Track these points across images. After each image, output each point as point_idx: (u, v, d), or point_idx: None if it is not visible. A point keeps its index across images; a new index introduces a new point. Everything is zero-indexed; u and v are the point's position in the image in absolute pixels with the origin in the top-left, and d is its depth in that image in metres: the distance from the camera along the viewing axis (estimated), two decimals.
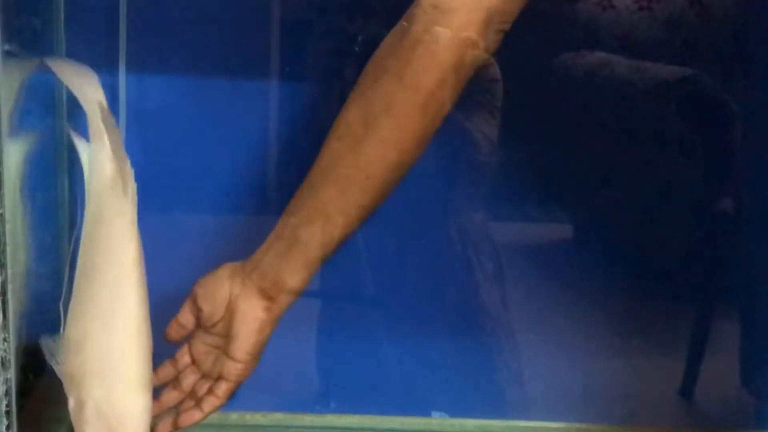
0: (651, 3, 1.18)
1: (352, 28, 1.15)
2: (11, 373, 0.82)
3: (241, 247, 1.15)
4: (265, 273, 0.85)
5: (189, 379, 0.94)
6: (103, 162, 0.80)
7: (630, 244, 1.24)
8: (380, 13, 1.14)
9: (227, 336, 0.88)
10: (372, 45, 1.07)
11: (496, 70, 1.12)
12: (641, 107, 1.20)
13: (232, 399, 1.22)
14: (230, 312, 0.86)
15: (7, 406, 0.82)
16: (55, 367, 0.83)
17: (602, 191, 1.22)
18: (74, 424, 0.81)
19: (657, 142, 1.20)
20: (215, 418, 1.20)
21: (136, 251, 0.78)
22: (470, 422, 1.21)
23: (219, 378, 0.90)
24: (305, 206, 0.87)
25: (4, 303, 0.79)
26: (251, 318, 0.85)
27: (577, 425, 1.21)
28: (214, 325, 0.90)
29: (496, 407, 1.23)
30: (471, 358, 1.22)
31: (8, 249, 0.78)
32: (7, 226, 0.77)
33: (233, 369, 0.85)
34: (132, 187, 0.78)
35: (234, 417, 1.21)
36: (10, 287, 0.79)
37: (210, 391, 0.89)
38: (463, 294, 1.22)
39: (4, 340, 0.81)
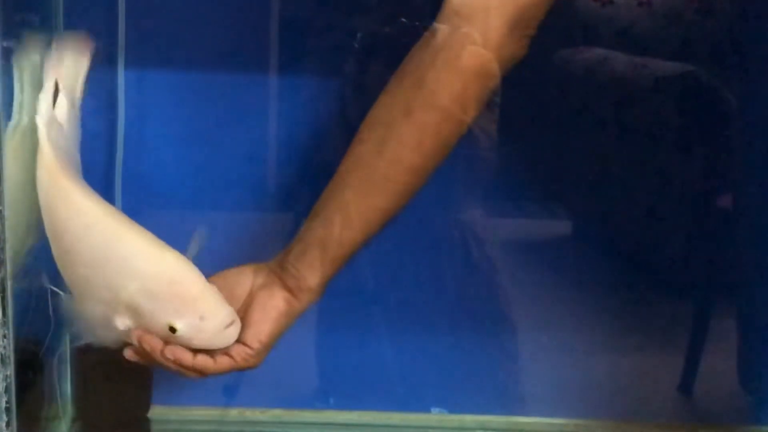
0: None
1: (351, 24, 1.15)
2: (11, 370, 0.82)
3: (241, 244, 1.15)
4: (288, 270, 0.86)
5: None
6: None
7: (629, 240, 1.24)
8: (380, 11, 1.14)
9: (243, 326, 0.87)
10: (372, 42, 1.07)
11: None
12: (640, 103, 1.20)
13: (232, 395, 1.22)
14: (249, 303, 0.86)
15: (6, 402, 0.82)
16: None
17: (601, 187, 1.22)
18: (145, 333, 0.80)
19: (656, 138, 1.20)
20: (215, 414, 1.21)
21: (53, 163, 0.79)
22: (469, 418, 1.22)
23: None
24: (327, 207, 0.87)
25: (4, 300, 0.79)
26: (270, 306, 0.85)
27: (576, 421, 1.22)
28: None
29: (496, 403, 1.23)
30: (470, 355, 1.22)
31: (8, 246, 0.78)
32: (7, 223, 0.77)
33: (241, 351, 0.83)
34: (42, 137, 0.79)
35: (234, 413, 1.21)
36: (9, 284, 0.79)
37: (210, 356, 0.87)
38: (463, 290, 1.22)
39: (4, 336, 0.81)
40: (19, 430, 0.84)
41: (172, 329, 0.78)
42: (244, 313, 0.85)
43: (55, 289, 0.84)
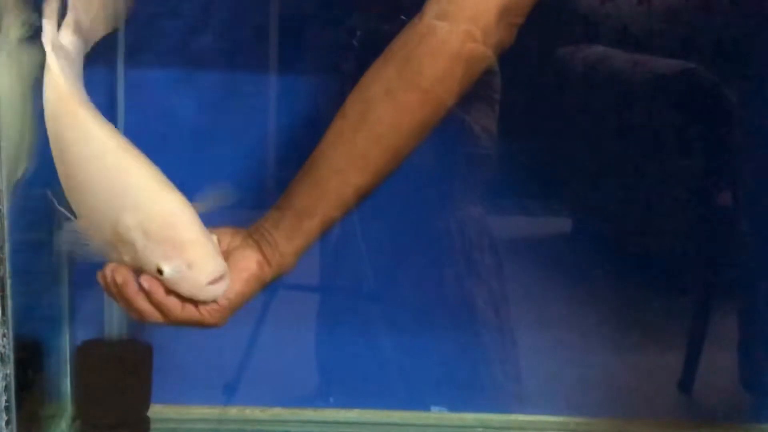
0: None
1: (350, 22, 1.15)
2: (10, 369, 0.82)
3: None
4: (263, 236, 0.86)
5: None
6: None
7: (629, 238, 1.24)
8: (379, 7, 1.14)
9: None
10: (371, 39, 1.07)
11: (494, 63, 1.12)
12: (640, 101, 1.20)
13: (232, 393, 1.22)
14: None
15: (6, 401, 0.82)
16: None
17: (601, 185, 1.22)
18: (133, 268, 0.79)
19: (656, 136, 1.20)
20: (215, 413, 1.21)
21: (70, 93, 0.78)
22: (469, 416, 1.22)
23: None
24: (304, 180, 0.87)
25: (3, 299, 0.79)
26: (242, 267, 0.85)
27: (576, 419, 1.22)
28: None
29: (495, 401, 1.23)
30: (470, 353, 1.22)
31: (7, 246, 0.78)
32: (5, 221, 0.77)
33: (209, 308, 0.83)
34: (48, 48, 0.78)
35: (233, 412, 1.21)
36: (9, 283, 0.79)
37: (180, 301, 0.86)
38: (462, 288, 1.22)
39: (3, 335, 0.81)
40: (19, 429, 0.84)
41: (159, 271, 0.77)
42: None
43: (62, 209, 0.83)
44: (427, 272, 1.21)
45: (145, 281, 0.79)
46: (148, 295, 0.79)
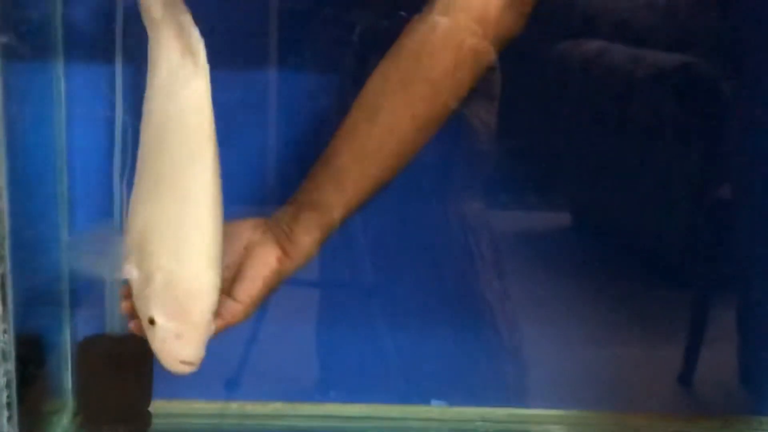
0: None
1: (350, 18, 1.15)
2: (11, 365, 0.82)
3: None
4: (282, 230, 0.87)
5: None
6: (170, 39, 0.79)
7: (628, 232, 1.24)
8: (378, 4, 1.14)
9: (234, 280, 0.88)
10: (370, 36, 1.07)
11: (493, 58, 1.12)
12: (639, 95, 1.20)
13: (233, 388, 1.22)
14: (243, 257, 0.87)
15: (8, 397, 0.82)
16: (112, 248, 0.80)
17: (601, 179, 1.22)
18: (137, 297, 0.79)
19: (655, 130, 1.20)
20: (216, 408, 1.21)
21: (210, 125, 0.77)
22: (469, 410, 1.22)
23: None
24: (321, 172, 0.89)
25: (4, 295, 0.80)
26: (263, 263, 0.85)
27: (576, 412, 1.22)
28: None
29: (496, 395, 1.23)
30: (470, 347, 1.22)
31: (7, 242, 0.78)
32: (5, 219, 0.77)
33: (231, 308, 0.83)
34: (203, 59, 0.77)
35: (234, 407, 1.21)
36: (9, 279, 0.79)
37: None
38: (462, 282, 1.22)
39: (4, 331, 0.81)
40: (21, 425, 0.84)
41: (151, 321, 0.77)
42: (237, 268, 0.85)
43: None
44: (427, 266, 1.21)
45: (136, 329, 0.81)
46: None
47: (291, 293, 1.20)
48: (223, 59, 1.15)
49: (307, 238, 0.87)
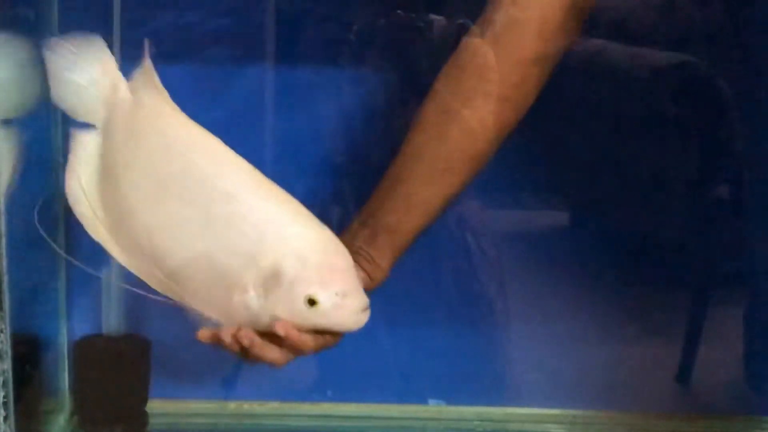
0: None
1: (348, 16, 1.14)
2: (8, 364, 0.82)
3: None
4: (360, 254, 0.86)
5: None
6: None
7: (627, 231, 1.24)
8: (378, 3, 1.14)
9: None
10: (369, 34, 1.07)
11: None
12: (637, 94, 1.20)
13: (230, 388, 1.22)
14: None
15: (4, 397, 0.82)
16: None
17: (599, 178, 1.22)
18: (262, 309, 0.76)
19: (653, 129, 1.20)
20: (213, 407, 1.21)
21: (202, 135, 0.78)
22: (467, 410, 1.22)
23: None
24: (389, 197, 0.88)
25: (1, 294, 0.79)
26: None
27: (573, 412, 1.22)
28: None
29: (493, 394, 1.23)
30: (468, 346, 1.22)
31: (3, 242, 0.78)
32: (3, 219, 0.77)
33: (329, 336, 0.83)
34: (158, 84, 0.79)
35: (232, 406, 1.21)
36: (6, 279, 0.79)
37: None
38: (461, 281, 1.22)
39: (1, 331, 0.81)
40: (17, 424, 0.84)
41: (312, 301, 0.74)
42: None
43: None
44: (425, 265, 1.21)
45: (282, 328, 0.76)
46: (285, 339, 0.77)
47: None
48: (221, 58, 1.16)
49: (384, 261, 0.87)
